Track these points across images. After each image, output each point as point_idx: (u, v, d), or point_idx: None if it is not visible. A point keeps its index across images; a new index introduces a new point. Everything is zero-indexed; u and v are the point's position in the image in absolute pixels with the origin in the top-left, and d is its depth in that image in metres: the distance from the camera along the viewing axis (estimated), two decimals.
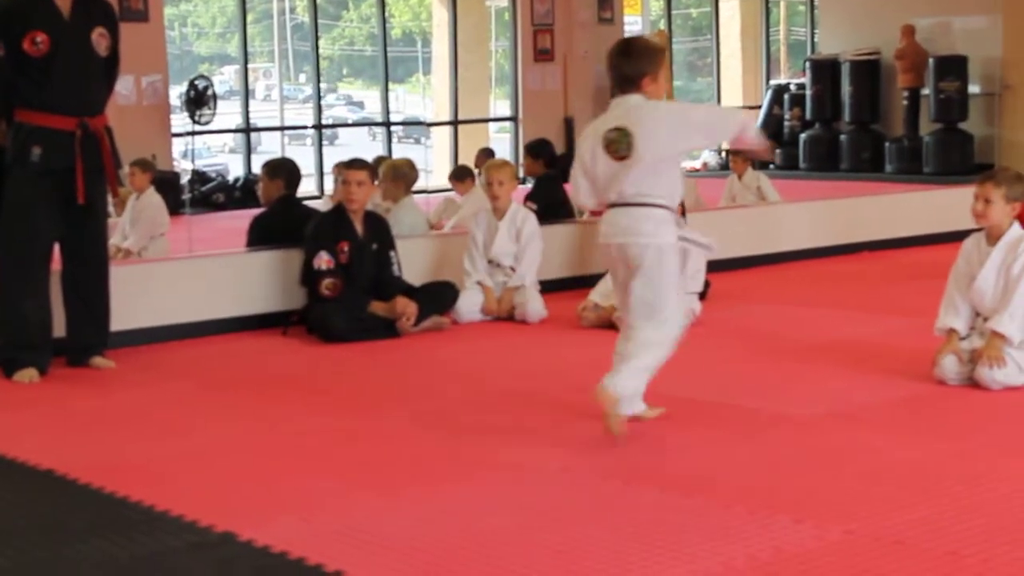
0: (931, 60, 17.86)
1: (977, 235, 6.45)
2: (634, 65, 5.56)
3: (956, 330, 6.31)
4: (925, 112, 18.02)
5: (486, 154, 13.96)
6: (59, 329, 7.24)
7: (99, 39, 7.12)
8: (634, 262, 5.55)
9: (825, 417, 5.81)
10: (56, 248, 7.18)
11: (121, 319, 7.75)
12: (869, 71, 18.90)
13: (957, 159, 17.40)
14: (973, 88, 17.67)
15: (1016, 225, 6.31)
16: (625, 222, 5.55)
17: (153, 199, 10.57)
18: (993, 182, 6.25)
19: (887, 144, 18.47)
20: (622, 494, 4.76)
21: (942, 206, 11.50)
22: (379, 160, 10.28)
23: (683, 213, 5.50)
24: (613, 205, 5.60)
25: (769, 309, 8.70)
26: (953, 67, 17.64)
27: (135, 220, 10.50)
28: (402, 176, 9.62)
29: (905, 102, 18.34)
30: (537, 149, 10.76)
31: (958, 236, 7.09)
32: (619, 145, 5.49)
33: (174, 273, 8.38)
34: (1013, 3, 16.95)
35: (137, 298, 7.96)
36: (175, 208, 12.32)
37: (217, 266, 8.47)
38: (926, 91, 18.00)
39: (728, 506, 4.57)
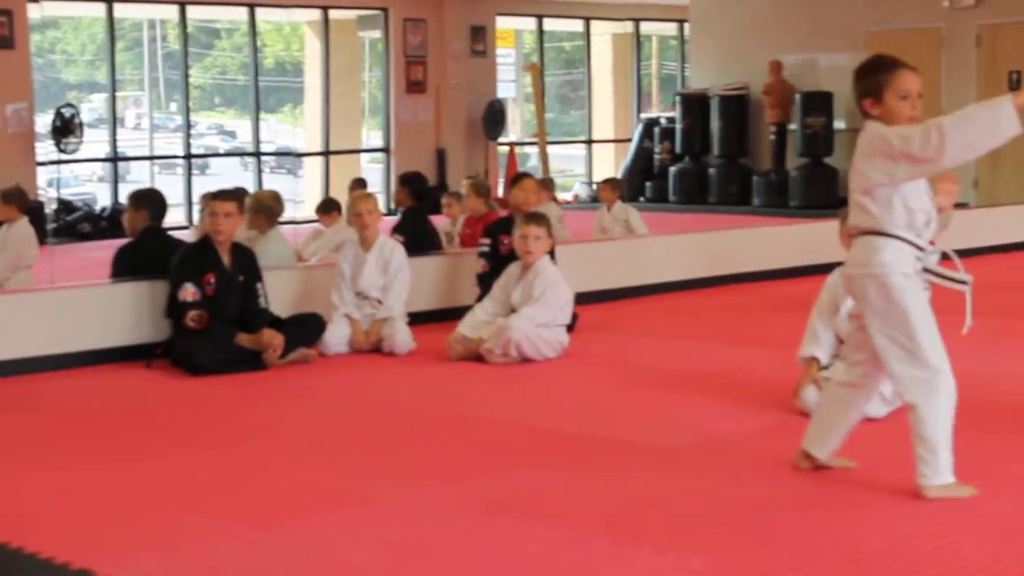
0: (798, 96, 18.18)
1: (840, 268, 6.54)
2: (855, 86, 5.12)
3: (817, 359, 6.41)
4: (792, 147, 18.32)
5: (359, 184, 13.94)
6: None
7: None
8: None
9: (690, 448, 5.85)
10: None
11: None
12: (737, 106, 19.18)
13: (822, 193, 17.70)
14: (838, 124, 17.99)
15: None
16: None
17: (23, 230, 10.35)
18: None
19: (755, 178, 18.74)
20: (486, 527, 4.75)
21: (807, 239, 11.68)
22: (243, 191, 10.19)
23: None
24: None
25: (637, 341, 8.76)
26: (819, 103, 17.96)
27: (1, 249, 10.29)
28: (265, 208, 9.55)
29: (772, 137, 18.64)
30: (409, 180, 10.74)
31: (823, 269, 7.21)
32: None
33: (36, 304, 8.23)
34: (875, 41, 17.30)
35: None
36: (39, 238, 12.11)
37: (80, 297, 8.33)
38: (793, 126, 18.30)
39: (592, 538, 4.58)
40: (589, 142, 23.25)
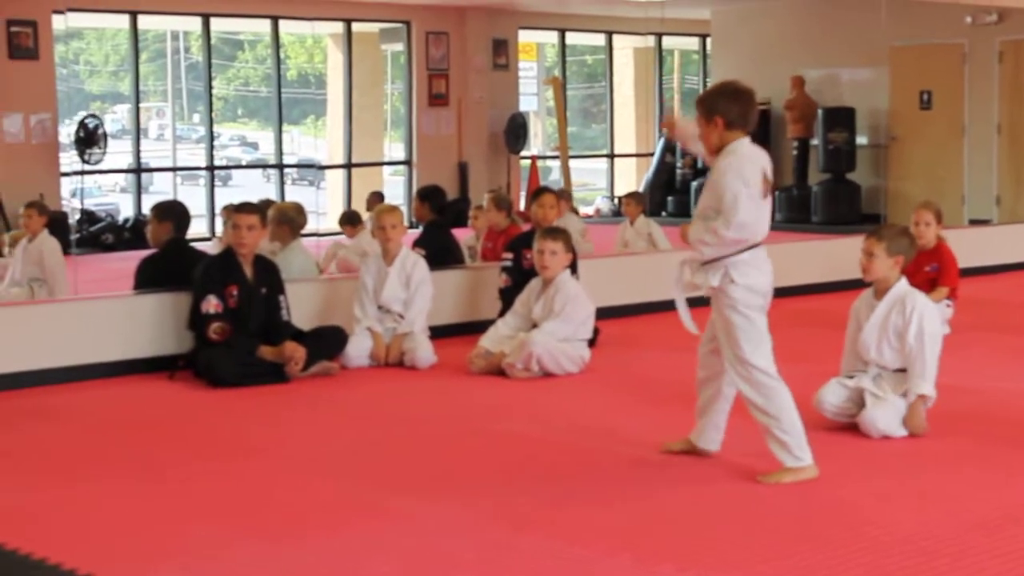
0: (820, 111, 18.14)
1: (866, 292, 6.59)
2: (755, 108, 5.75)
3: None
4: (814, 162, 18.29)
5: (377, 197, 13.93)
6: None
7: None
8: None
9: (712, 463, 5.84)
10: None
11: (3, 362, 7.65)
12: (760, 121, 19.14)
13: (845, 209, 17.66)
14: (861, 139, 17.95)
15: (903, 280, 6.46)
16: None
17: (49, 243, 10.33)
18: (876, 237, 6.42)
19: (776, 193, 18.71)
20: (508, 543, 4.75)
21: (830, 255, 11.65)
22: (267, 203, 10.21)
23: None
24: (759, 244, 5.72)
25: (659, 356, 8.75)
26: (841, 118, 17.92)
27: (37, 263, 10.23)
28: (288, 220, 9.56)
29: (794, 152, 18.61)
30: (427, 194, 10.73)
31: (845, 285, 7.22)
32: (768, 186, 5.68)
33: (60, 315, 8.26)
34: (898, 56, 17.28)
35: (22, 340, 7.85)
36: (63, 248, 12.13)
37: (105, 308, 8.36)
38: (815, 141, 18.27)
39: (614, 554, 4.58)
40: (611, 156, 23.23)
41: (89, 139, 16.05)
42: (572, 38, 22.90)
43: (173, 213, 8.79)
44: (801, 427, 5.59)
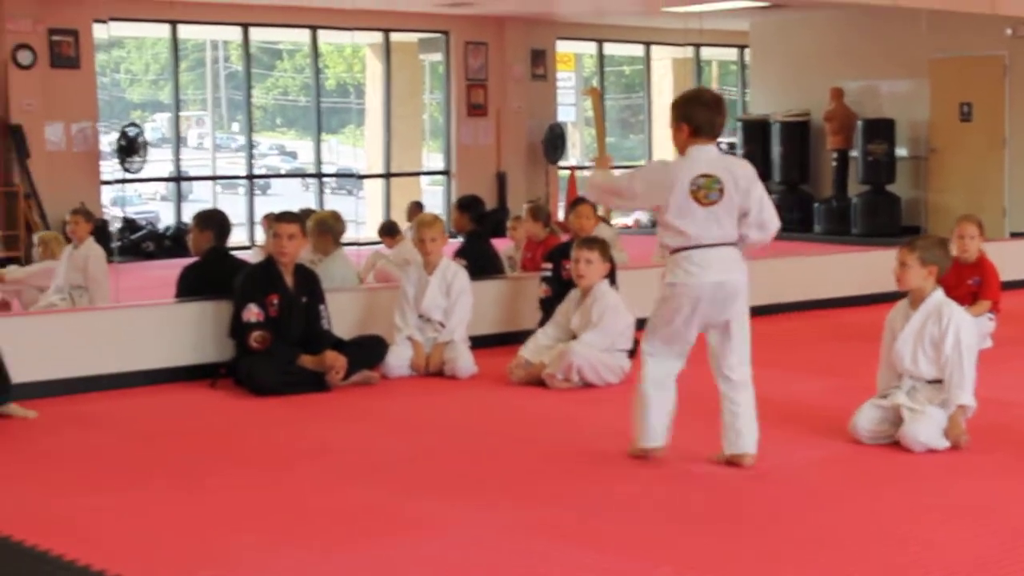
0: (859, 123, 18.08)
1: (902, 302, 6.57)
2: (723, 118, 5.95)
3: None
4: (853, 174, 18.22)
5: (417, 207, 13.96)
6: None
7: None
8: (729, 298, 5.92)
9: (749, 477, 5.84)
10: None
11: (47, 369, 7.71)
12: (799, 132, 19.10)
13: (885, 221, 17.59)
14: (900, 151, 17.89)
15: (939, 290, 6.44)
16: (719, 261, 5.87)
17: (94, 249, 10.38)
18: (909, 247, 6.42)
19: (816, 205, 18.65)
20: (546, 553, 4.76)
21: (869, 267, 11.61)
22: (305, 212, 10.24)
23: None
24: (697, 247, 5.82)
25: (696, 368, 8.68)
26: (881, 130, 17.86)
27: (82, 270, 10.27)
28: (328, 229, 9.59)
29: (834, 163, 18.54)
30: (466, 204, 10.75)
31: (884, 298, 7.20)
32: (709, 191, 5.80)
33: (103, 323, 8.32)
34: (938, 68, 17.22)
35: (65, 347, 7.90)
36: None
37: (146, 316, 8.40)
38: (854, 153, 18.20)
39: (655, 566, 4.58)
40: None
41: (130, 147, 16.13)
42: (610, 48, 22.90)
43: (214, 222, 8.83)
44: None
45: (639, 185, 5.99)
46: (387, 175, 19.80)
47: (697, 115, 5.87)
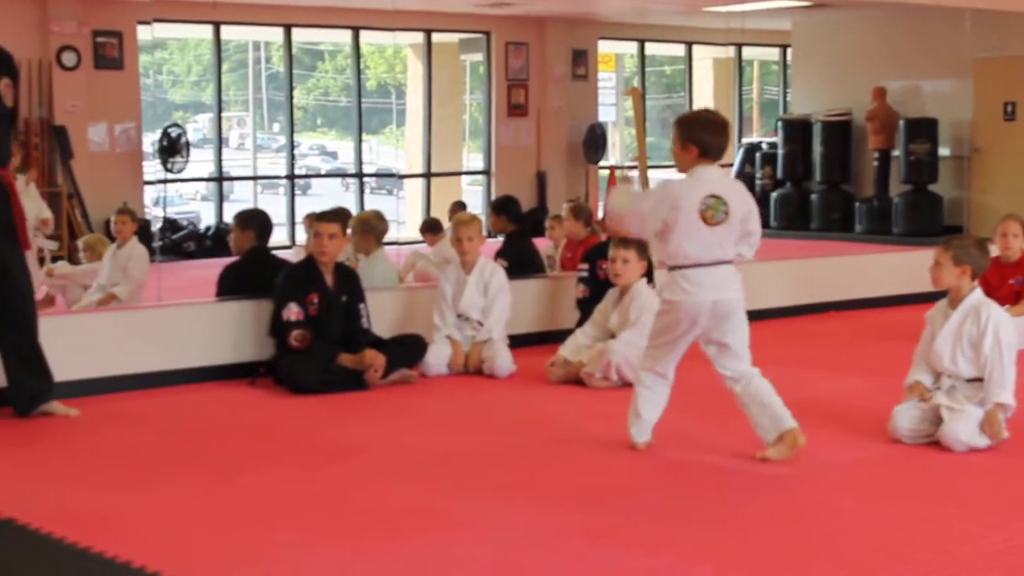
0: (902, 122, 17.98)
1: (941, 301, 6.56)
2: (728, 140, 6.11)
3: (921, 382, 6.42)
4: (895, 173, 18.12)
5: (459, 207, 13.96)
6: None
7: (5, 89, 7.07)
8: (727, 315, 6.08)
9: (792, 476, 5.82)
10: None
11: (89, 367, 7.75)
12: (840, 132, 19.01)
13: (927, 221, 17.49)
14: (943, 150, 17.78)
15: (978, 289, 6.42)
16: (716, 279, 6.01)
17: (138, 249, 10.44)
18: (944, 246, 6.44)
19: (857, 204, 18.56)
20: (584, 553, 4.75)
21: (911, 267, 11.51)
22: (341, 210, 10.25)
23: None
24: (696, 265, 5.97)
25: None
26: (923, 129, 17.75)
27: (123, 269, 10.34)
28: (371, 229, 9.60)
29: (875, 163, 18.44)
30: (501, 206, 10.73)
31: (926, 298, 7.16)
32: (716, 212, 5.95)
33: (144, 321, 8.36)
34: (982, 68, 17.11)
35: (106, 346, 7.94)
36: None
37: (187, 315, 8.44)
38: (896, 153, 18.10)
39: (694, 564, 4.57)
40: None
41: (172, 148, 16.20)
42: (651, 48, 22.86)
43: (255, 221, 8.87)
44: None
45: (646, 204, 6.07)
46: (427, 175, 19.83)
47: (706, 138, 5.98)
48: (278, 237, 13.80)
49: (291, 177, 18.97)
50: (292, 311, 7.92)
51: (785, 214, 19.40)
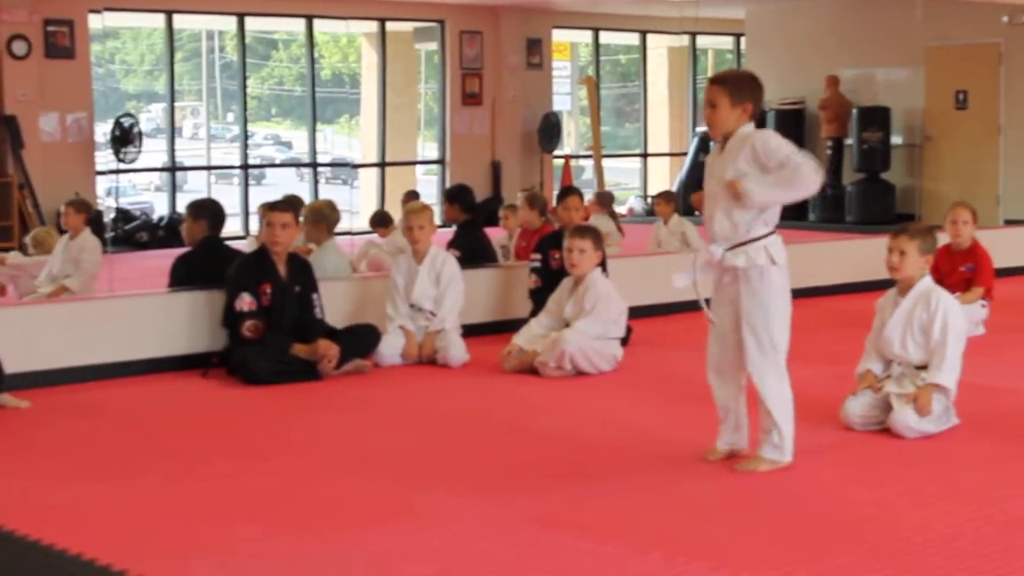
0: (854, 111, 18.08)
1: (891, 290, 6.59)
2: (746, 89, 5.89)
3: (872, 371, 6.46)
4: (848, 162, 18.22)
5: (411, 196, 13.94)
6: None
7: None
8: None
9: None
10: None
11: (41, 359, 7.71)
12: (794, 120, 19.08)
13: (879, 209, 17.59)
14: (895, 139, 17.88)
15: (928, 276, 6.47)
16: None
17: (90, 240, 10.35)
18: (908, 235, 6.41)
19: None
20: (539, 541, 4.76)
21: (864, 255, 11.61)
22: (293, 199, 10.21)
23: None
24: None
25: (692, 355, 8.67)
26: (876, 118, 17.85)
27: (75, 260, 10.26)
28: (323, 218, 9.58)
29: (829, 152, 18.52)
30: (454, 195, 10.69)
31: (879, 285, 7.20)
32: None
33: (96, 312, 8.31)
34: (934, 56, 17.22)
35: (57, 338, 7.89)
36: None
37: (139, 306, 8.40)
38: (849, 141, 18.20)
39: (645, 552, 4.58)
40: (644, 155, 23.21)
41: (124, 138, 16.12)
42: (606, 37, 22.88)
43: (208, 211, 8.83)
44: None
45: (800, 156, 5.85)
46: (382, 164, 19.79)
47: (759, 97, 5.84)
48: (232, 227, 13.76)
49: (245, 167, 18.90)
50: (245, 301, 7.89)
51: None
